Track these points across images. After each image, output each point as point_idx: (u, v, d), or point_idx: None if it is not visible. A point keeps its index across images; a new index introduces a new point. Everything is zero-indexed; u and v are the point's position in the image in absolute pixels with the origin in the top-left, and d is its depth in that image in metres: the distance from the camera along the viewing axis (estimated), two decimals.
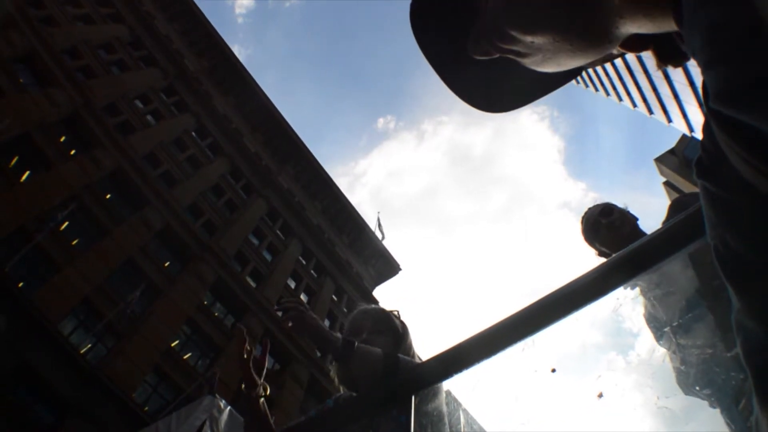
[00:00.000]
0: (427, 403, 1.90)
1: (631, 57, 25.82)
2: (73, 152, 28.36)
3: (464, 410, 2.09)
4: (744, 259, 0.60)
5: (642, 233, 2.79)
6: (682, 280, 1.78)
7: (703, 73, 0.66)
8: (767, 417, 0.59)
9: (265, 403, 2.37)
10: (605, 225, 2.86)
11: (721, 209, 0.65)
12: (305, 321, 2.16)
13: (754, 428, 0.62)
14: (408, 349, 2.38)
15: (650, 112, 30.16)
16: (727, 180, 0.63)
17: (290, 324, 2.19)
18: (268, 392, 2.39)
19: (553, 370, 1.60)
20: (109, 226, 27.76)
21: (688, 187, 28.06)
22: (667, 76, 24.51)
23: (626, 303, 1.65)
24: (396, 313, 2.52)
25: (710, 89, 0.64)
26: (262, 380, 2.37)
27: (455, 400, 2.07)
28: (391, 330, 2.42)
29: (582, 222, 3.02)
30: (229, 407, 7.35)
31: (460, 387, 1.72)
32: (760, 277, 0.58)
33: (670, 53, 0.83)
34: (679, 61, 0.82)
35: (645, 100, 29.64)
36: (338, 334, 2.19)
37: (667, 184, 34.58)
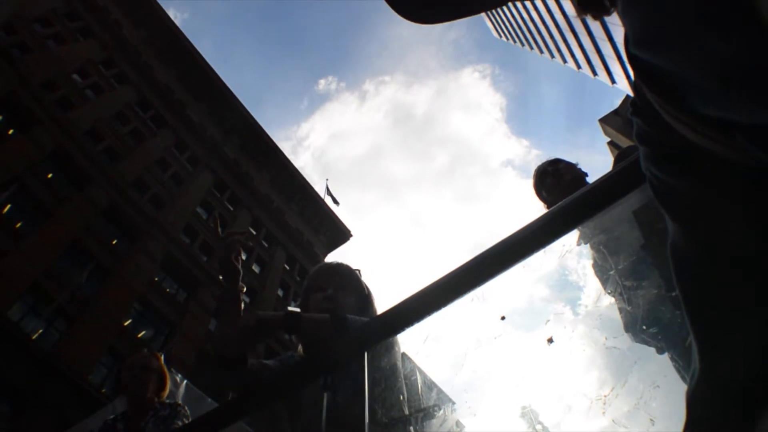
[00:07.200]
0: (380, 358, 1.91)
1: (574, 18, 26.06)
2: (11, 132, 27.28)
3: (414, 363, 2.11)
4: (669, 186, 0.69)
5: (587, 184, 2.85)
6: (628, 233, 1.82)
7: (621, 16, 0.69)
8: (697, 334, 0.67)
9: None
10: (551, 172, 3.02)
11: (648, 144, 0.73)
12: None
13: (692, 349, 0.68)
14: (373, 313, 2.35)
15: (594, 73, 30.56)
16: (651, 118, 0.70)
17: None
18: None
19: (503, 318, 1.62)
20: (53, 207, 26.93)
21: None
22: (610, 37, 24.79)
23: (572, 256, 1.68)
24: (359, 272, 2.47)
25: (629, 33, 0.68)
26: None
27: (406, 354, 2.09)
28: (356, 290, 2.39)
29: (534, 174, 3.14)
30: (185, 381, 7.30)
31: (413, 340, 1.73)
32: (684, 200, 0.67)
33: (592, 3, 0.85)
34: (599, 13, 0.84)
35: (589, 61, 29.98)
36: (280, 312, 2.17)
37: (611, 143, 35.30)
